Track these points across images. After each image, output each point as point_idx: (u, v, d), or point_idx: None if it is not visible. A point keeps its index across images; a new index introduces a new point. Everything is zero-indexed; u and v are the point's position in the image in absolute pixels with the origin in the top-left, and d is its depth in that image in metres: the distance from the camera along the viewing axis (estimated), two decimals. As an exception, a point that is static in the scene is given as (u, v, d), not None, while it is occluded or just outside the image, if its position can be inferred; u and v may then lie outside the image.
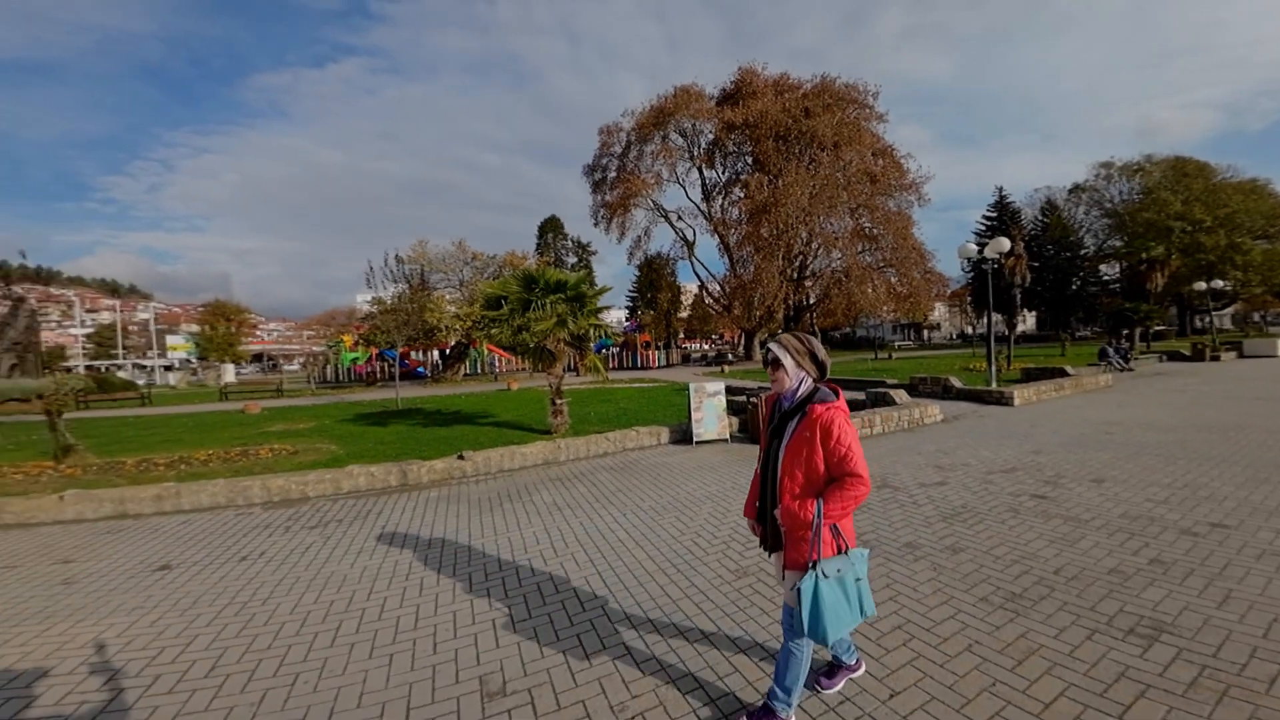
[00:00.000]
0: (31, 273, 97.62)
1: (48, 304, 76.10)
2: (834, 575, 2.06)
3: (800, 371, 2.18)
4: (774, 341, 2.23)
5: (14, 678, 2.81)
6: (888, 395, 10.03)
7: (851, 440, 2.06)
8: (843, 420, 2.08)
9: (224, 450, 8.76)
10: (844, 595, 2.08)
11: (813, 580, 2.03)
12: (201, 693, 2.62)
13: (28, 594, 3.89)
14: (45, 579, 4.17)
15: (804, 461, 2.10)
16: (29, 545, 4.96)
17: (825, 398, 2.13)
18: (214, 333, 56.87)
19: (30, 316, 31.06)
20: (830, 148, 33.76)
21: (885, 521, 4.59)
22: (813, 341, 2.20)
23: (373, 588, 3.75)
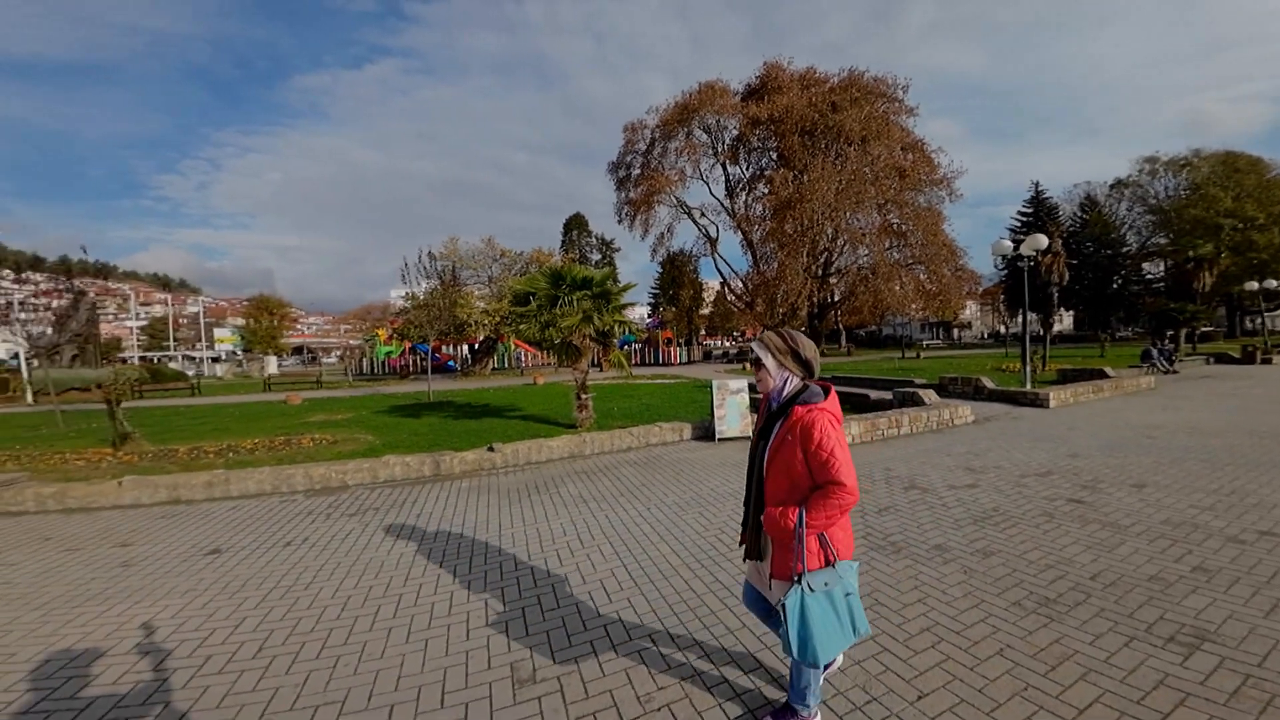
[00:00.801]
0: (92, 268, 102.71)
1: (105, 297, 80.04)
2: (820, 589, 1.92)
3: (783, 371, 2.06)
4: (756, 340, 2.15)
5: (75, 657, 2.93)
6: (916, 395, 9.80)
7: (834, 445, 1.89)
8: (826, 423, 1.92)
9: (269, 439, 9.10)
10: (833, 611, 1.93)
11: (798, 596, 1.90)
12: (249, 673, 2.72)
13: (89, 576, 4.07)
14: (105, 562, 4.36)
15: (786, 466, 1.98)
16: (91, 529, 5.21)
17: (810, 398, 1.98)
18: (258, 326, 59.02)
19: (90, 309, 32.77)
20: (858, 142, 33.02)
21: (914, 523, 4.50)
22: (797, 339, 2.07)
23: (409, 574, 3.85)
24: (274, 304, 63.17)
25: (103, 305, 54.67)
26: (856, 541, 4.12)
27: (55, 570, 4.17)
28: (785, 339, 2.07)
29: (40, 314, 33.71)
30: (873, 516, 4.68)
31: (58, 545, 4.74)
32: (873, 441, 7.81)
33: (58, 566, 4.24)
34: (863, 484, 5.68)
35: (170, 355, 54.27)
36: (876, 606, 3.14)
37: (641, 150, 38.66)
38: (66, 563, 4.34)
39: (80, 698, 2.56)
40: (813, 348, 2.08)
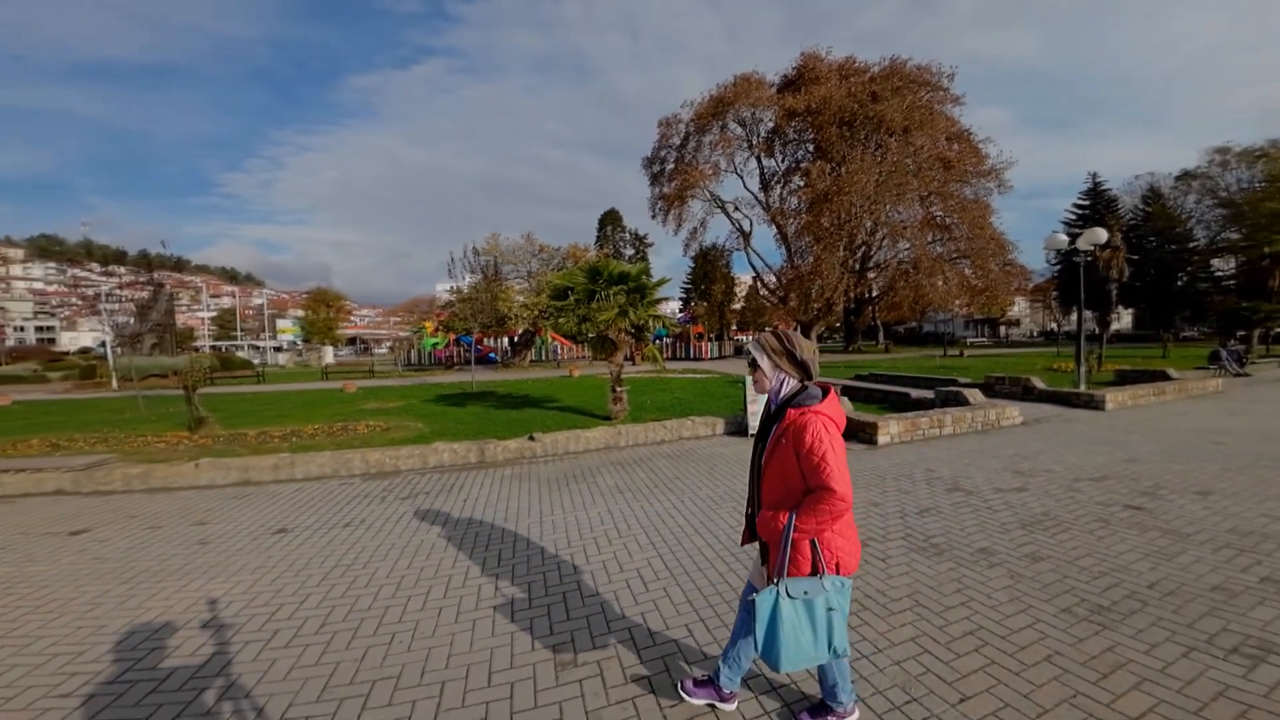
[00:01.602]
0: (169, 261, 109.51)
1: (180, 289, 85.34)
2: (799, 597, 1.87)
3: (779, 372, 2.01)
4: (753, 341, 2.10)
5: (158, 629, 3.08)
6: (960, 395, 9.43)
7: (826, 449, 1.81)
8: (819, 426, 1.84)
9: (328, 425, 9.56)
10: (809, 621, 1.87)
11: (772, 596, 1.86)
12: (313, 648, 2.85)
13: (170, 552, 4.28)
14: (184, 539, 4.57)
15: (780, 469, 1.94)
16: (171, 507, 5.49)
17: (805, 400, 1.93)
18: (316, 318, 61.85)
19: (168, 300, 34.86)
20: (899, 133, 31.71)
21: (957, 525, 4.35)
22: (794, 340, 2.02)
23: (456, 557, 3.99)
24: (331, 297, 66.12)
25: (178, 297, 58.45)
26: (896, 541, 4.03)
27: (140, 546, 4.43)
28: (781, 339, 2.02)
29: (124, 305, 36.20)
30: (913, 518, 4.55)
31: (142, 523, 5.03)
32: (913, 441, 7.56)
33: (143, 543, 4.51)
34: (903, 484, 5.52)
35: (237, 345, 57.60)
36: (917, 608, 3.07)
37: (675, 145, 38.22)
38: (150, 539, 4.60)
39: (161, 669, 2.70)
40: (811, 348, 2.01)
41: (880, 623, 2.93)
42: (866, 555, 3.80)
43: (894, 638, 2.78)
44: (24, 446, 8.06)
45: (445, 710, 2.33)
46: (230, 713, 2.33)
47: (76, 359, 38.31)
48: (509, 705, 2.35)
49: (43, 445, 8.15)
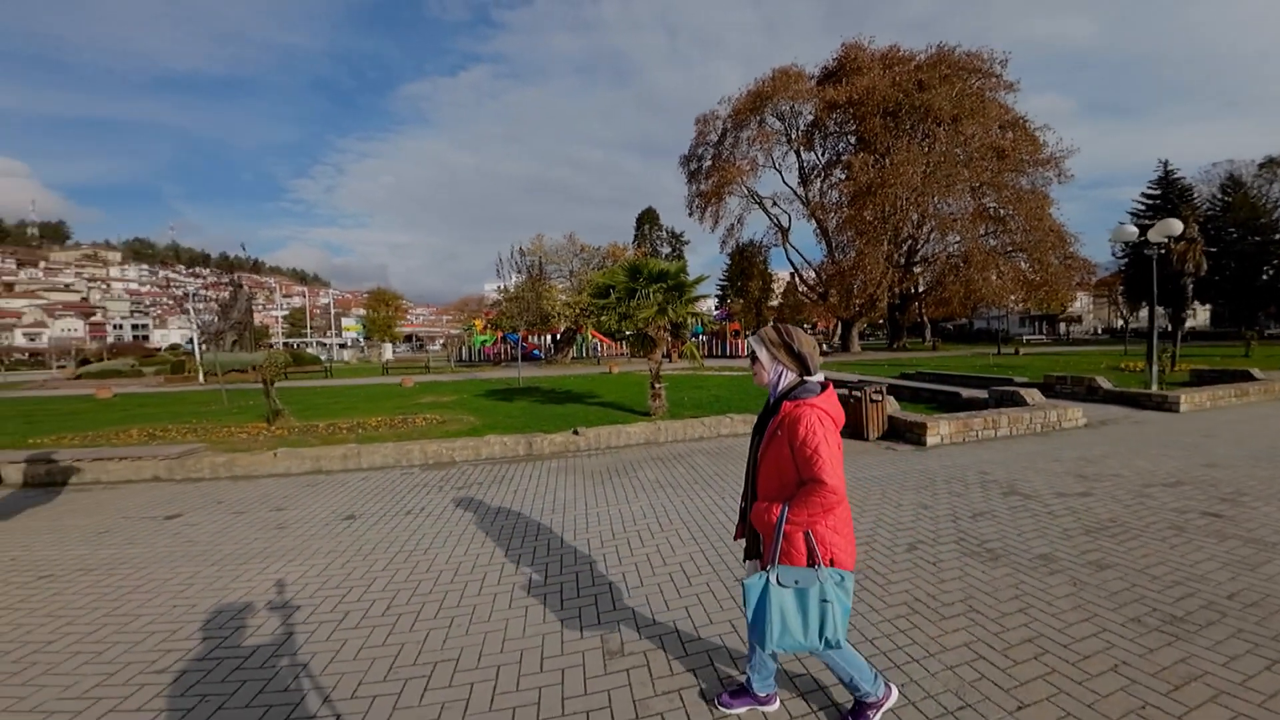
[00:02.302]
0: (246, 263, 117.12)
1: (257, 289, 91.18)
2: (790, 585, 1.86)
3: (777, 365, 2.00)
4: (752, 334, 2.08)
5: (240, 610, 3.23)
6: (1016, 395, 8.92)
7: (819, 442, 1.80)
8: (813, 419, 1.83)
9: (389, 418, 10.02)
10: (799, 608, 1.87)
11: (761, 581, 1.87)
12: (379, 630, 2.98)
13: (252, 536, 4.49)
14: (264, 524, 4.80)
15: (775, 461, 1.94)
16: (253, 494, 5.78)
17: (802, 394, 1.91)
18: (376, 316, 64.81)
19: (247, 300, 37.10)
20: (948, 122, 30.15)
21: (1014, 530, 4.13)
22: (793, 333, 1.99)
23: (509, 545, 4.10)
24: (389, 296, 69.19)
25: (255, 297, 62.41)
26: (948, 545, 3.87)
27: (226, 530, 4.67)
28: (780, 333, 2.00)
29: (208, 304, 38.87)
30: (966, 521, 4.34)
31: (227, 508, 5.30)
32: (965, 443, 7.21)
33: (228, 527, 4.75)
34: (954, 487, 5.28)
35: (307, 341, 61.10)
36: (971, 613, 2.94)
37: (713, 141, 37.71)
38: (235, 524, 4.83)
39: (244, 646, 2.84)
40: (810, 343, 1.99)
41: (931, 627, 2.83)
42: (915, 559, 3.66)
43: (946, 643, 2.68)
44: (125, 436, 8.79)
45: (501, 693, 2.40)
46: (307, 690, 2.46)
47: (167, 355, 41.67)
48: (560, 691, 2.41)
49: (141, 435, 8.86)
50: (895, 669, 2.49)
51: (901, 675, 2.44)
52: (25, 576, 3.79)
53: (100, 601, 3.39)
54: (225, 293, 36.23)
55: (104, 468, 6.25)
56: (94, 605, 3.34)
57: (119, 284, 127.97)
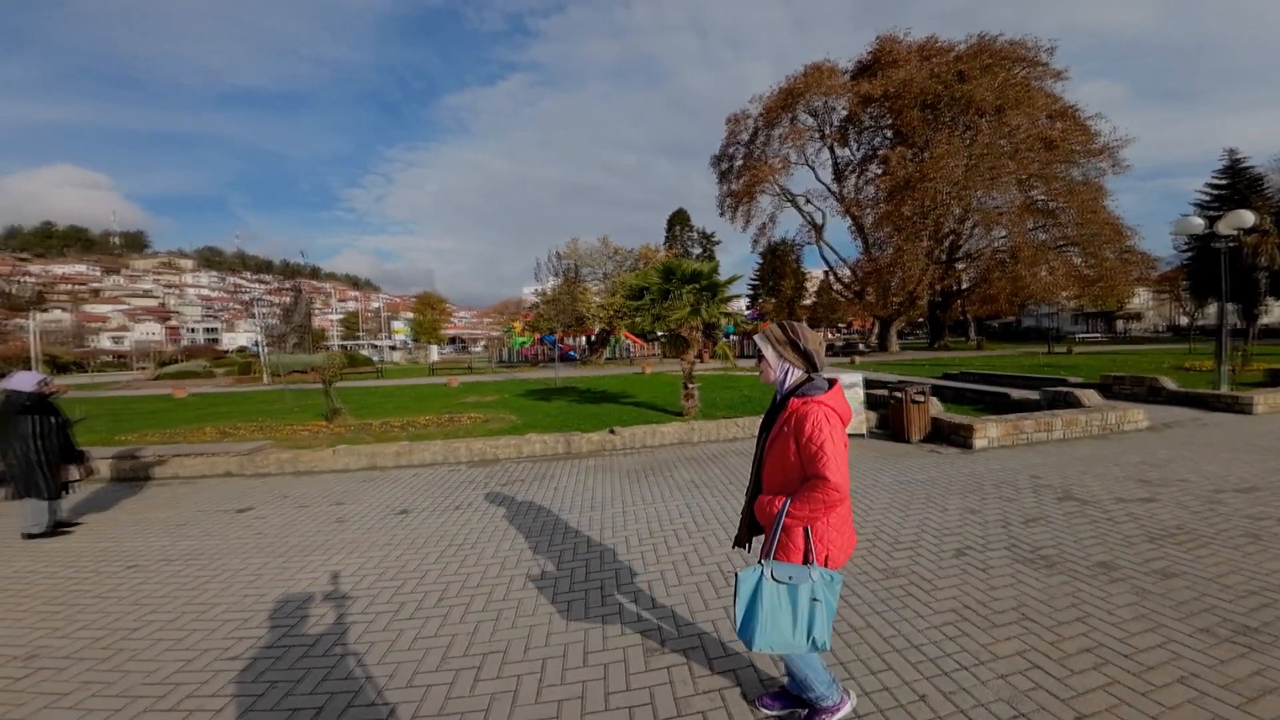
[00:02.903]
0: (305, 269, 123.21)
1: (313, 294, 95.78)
2: (784, 581, 1.86)
3: (783, 362, 2.00)
4: (759, 333, 2.08)
5: (306, 599, 3.36)
6: (1071, 396, 8.42)
7: (825, 439, 1.79)
8: (820, 416, 1.82)
9: (437, 417, 10.35)
10: (789, 607, 1.85)
11: (755, 576, 1.88)
12: (432, 621, 3.07)
13: (315, 529, 4.68)
14: (326, 517, 4.98)
15: (780, 457, 1.93)
16: (315, 489, 6.00)
17: (809, 391, 1.91)
18: (423, 319, 67.11)
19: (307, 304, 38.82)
20: (991, 113, 28.64)
21: (1070, 537, 3.90)
22: (798, 330, 1.99)
23: (551, 540, 4.17)
24: (435, 300, 71.64)
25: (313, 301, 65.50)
26: (998, 551, 3.70)
27: (292, 523, 4.86)
28: (786, 330, 2.00)
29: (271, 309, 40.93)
30: (1018, 527, 4.14)
31: (292, 502, 5.52)
32: (1015, 446, 6.85)
33: (293, 520, 4.95)
34: (1004, 491, 5.03)
35: (360, 344, 63.74)
36: (1024, 622, 2.81)
37: (744, 141, 36.97)
38: (299, 517, 5.02)
39: (309, 635, 2.96)
40: (817, 340, 1.99)
41: (982, 635, 2.71)
42: (963, 565, 3.52)
43: (998, 651, 2.57)
44: (200, 434, 9.37)
45: (547, 685, 2.45)
46: (366, 679, 2.56)
47: (236, 357, 44.27)
48: (603, 686, 2.43)
49: (214, 433, 9.43)
50: (944, 676, 2.41)
51: (950, 683, 2.36)
52: (115, 566, 4.03)
53: (180, 590, 3.59)
54: (287, 298, 38.22)
55: (182, 464, 6.69)
56: (175, 594, 3.54)
57: (192, 290, 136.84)
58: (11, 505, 4.83)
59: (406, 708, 2.33)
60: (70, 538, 4.69)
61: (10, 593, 3.61)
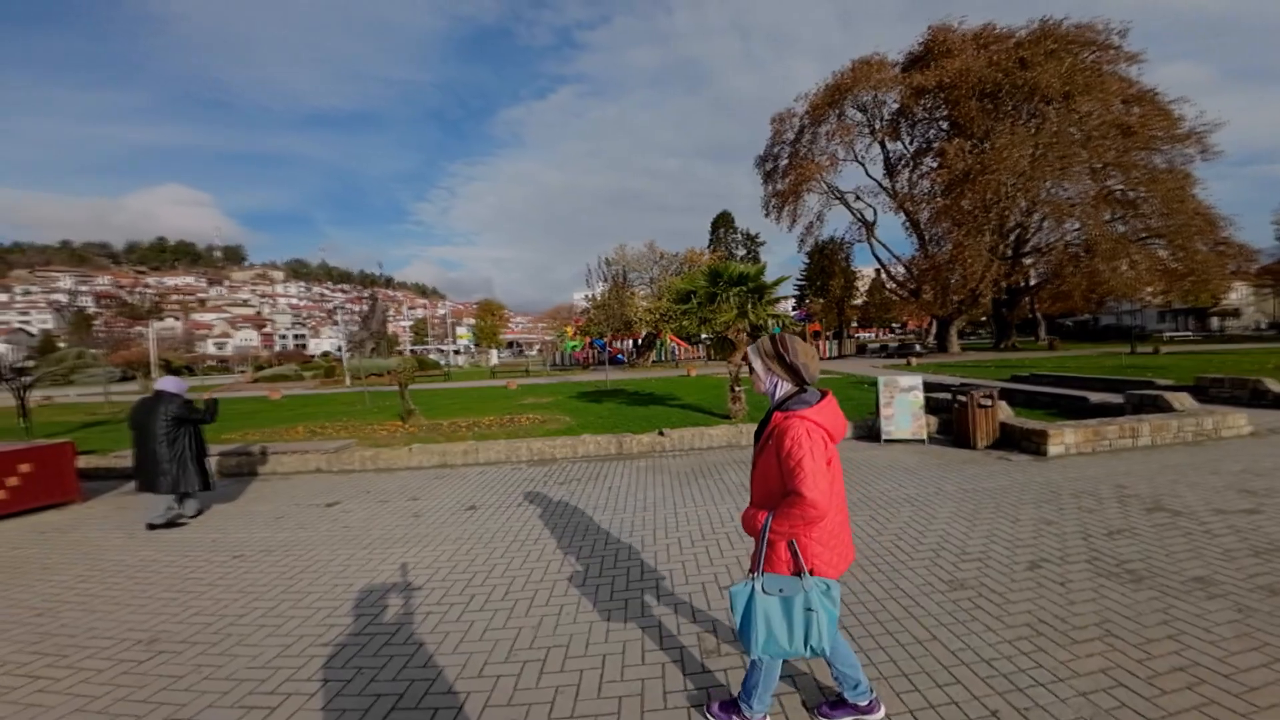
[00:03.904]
0: (381, 279, 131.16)
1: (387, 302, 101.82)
2: (774, 593, 1.83)
3: (771, 376, 1.96)
4: (751, 345, 2.06)
5: (388, 590, 3.51)
6: (1160, 399, 7.63)
7: (804, 455, 1.73)
8: (800, 431, 1.77)
9: (499, 417, 10.74)
10: (784, 616, 1.83)
11: (747, 589, 1.86)
12: (500, 613, 3.14)
13: (394, 522, 4.88)
14: (403, 512, 5.19)
15: (764, 470, 1.91)
16: (393, 485, 6.26)
17: (794, 405, 1.86)
18: (484, 325, 69.87)
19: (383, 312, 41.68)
20: (1059, 100, 26.42)
21: (1161, 550, 3.55)
22: (787, 344, 1.93)
23: (607, 539, 4.22)
24: (494, 307, 74.47)
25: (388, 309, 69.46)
26: (1078, 564, 3.41)
27: (374, 517, 5.07)
28: (775, 344, 1.96)
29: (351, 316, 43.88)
30: (1101, 540, 3.80)
31: (373, 497, 5.77)
32: (1095, 453, 6.28)
33: (375, 514, 5.16)
34: (1084, 501, 4.63)
35: (428, 348, 67.16)
36: (1108, 638, 2.59)
37: (789, 140, 35.91)
38: (380, 511, 5.25)
39: (390, 623, 3.07)
40: (806, 353, 1.93)
41: (1060, 651, 2.53)
42: (1039, 578, 3.27)
43: (1078, 668, 2.39)
44: (292, 433, 10.07)
45: (607, 681, 2.48)
46: (442, 667, 2.66)
47: (321, 361, 47.80)
48: (661, 685, 2.43)
49: (305, 432, 10.11)
50: (1017, 692, 2.26)
51: (1025, 699, 2.21)
52: (222, 556, 4.28)
53: (279, 580, 3.79)
54: (364, 306, 40.90)
55: (279, 460, 7.27)
56: (273, 583, 3.73)
57: (283, 299, 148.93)
58: (131, 499, 5.38)
59: (478, 697, 2.42)
60: (185, 529, 5.02)
61: (137, 580, 3.89)
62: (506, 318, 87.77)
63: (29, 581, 3.92)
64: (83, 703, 2.47)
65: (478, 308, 78.04)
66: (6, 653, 2.93)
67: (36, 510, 5.67)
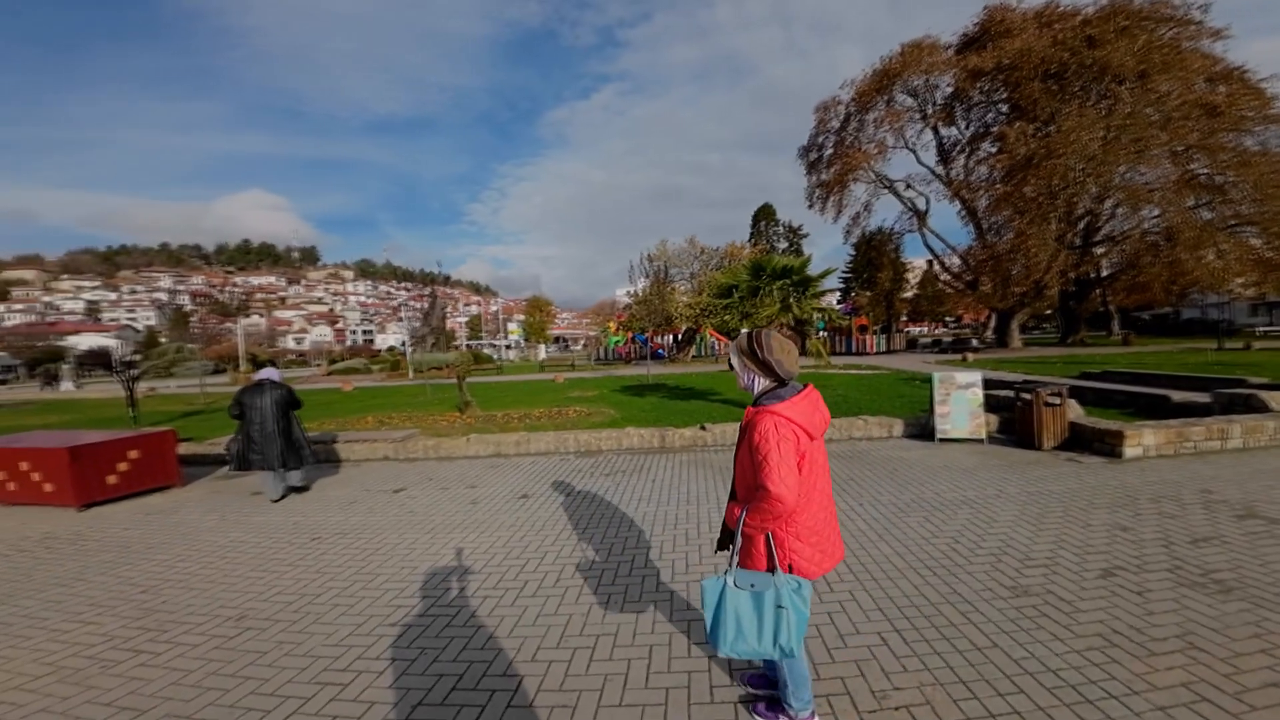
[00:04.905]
0: (440, 278, 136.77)
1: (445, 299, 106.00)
2: (745, 589, 1.80)
3: (748, 372, 1.97)
4: (731, 343, 2.08)
5: (449, 573, 3.61)
6: (1254, 399, 6.83)
7: (770, 449, 1.73)
8: (769, 426, 1.76)
9: (548, 410, 10.96)
10: (754, 613, 1.78)
11: (718, 585, 1.84)
12: (552, 599, 3.20)
13: (454, 509, 5.02)
14: (462, 499, 5.33)
15: (741, 463, 1.93)
16: (452, 473, 6.43)
17: (767, 400, 1.86)
18: (533, 320, 71.62)
19: (442, 309, 43.45)
20: (1133, 79, 23.91)
21: (1253, 559, 3.20)
22: (763, 341, 1.90)
23: (651, 531, 4.23)
24: (542, 303, 76.20)
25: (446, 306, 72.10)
26: (1158, 573, 3.13)
27: (436, 504, 5.22)
28: (750, 340, 1.95)
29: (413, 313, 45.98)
30: (1184, 548, 3.45)
31: (435, 484, 5.93)
32: (1178, 455, 5.71)
33: (437, 500, 5.32)
34: (1165, 507, 4.23)
35: (482, 343, 69.46)
36: (1190, 650, 2.38)
37: (834, 129, 34.16)
38: (441, 498, 5.40)
39: (450, 605, 3.17)
40: (784, 350, 1.90)
41: (1136, 663, 2.34)
42: (1112, 586, 3.02)
43: (1156, 681, 2.21)
44: (363, 422, 10.59)
45: (654, 673, 2.48)
46: (497, 650, 2.73)
47: (387, 355, 50.44)
48: (708, 679, 2.41)
49: (374, 421, 10.62)
50: (1087, 704, 2.11)
51: (1095, 711, 2.07)
52: (302, 539, 4.46)
53: (352, 561, 3.93)
54: (424, 303, 42.81)
55: (351, 448, 7.70)
56: (347, 564, 3.88)
57: (352, 297, 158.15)
58: (224, 484, 5.79)
59: (532, 680, 2.47)
60: (271, 512, 5.25)
61: (228, 560, 4.10)
62: (553, 314, 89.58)
63: (135, 560, 4.18)
64: (179, 676, 2.62)
65: (527, 304, 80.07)
66: (114, 628, 3.13)
67: (143, 493, 6.05)
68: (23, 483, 5.66)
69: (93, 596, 3.56)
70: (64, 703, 2.46)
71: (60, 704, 2.45)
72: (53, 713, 2.39)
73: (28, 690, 2.56)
